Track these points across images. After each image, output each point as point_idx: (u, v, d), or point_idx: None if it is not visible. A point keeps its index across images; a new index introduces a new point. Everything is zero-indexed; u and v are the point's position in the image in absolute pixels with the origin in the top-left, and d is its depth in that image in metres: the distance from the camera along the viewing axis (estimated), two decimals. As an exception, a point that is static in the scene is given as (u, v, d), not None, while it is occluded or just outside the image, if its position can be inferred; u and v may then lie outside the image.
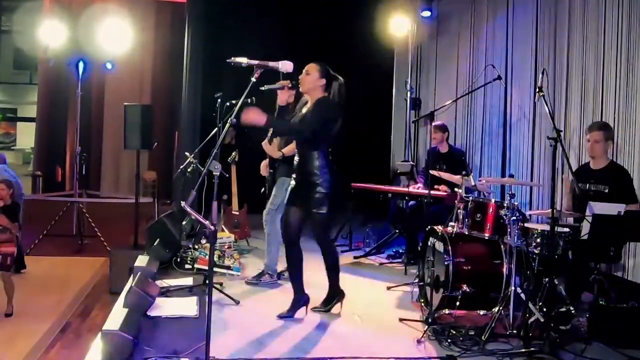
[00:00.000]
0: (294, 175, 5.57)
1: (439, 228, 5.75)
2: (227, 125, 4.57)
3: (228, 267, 7.12)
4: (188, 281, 6.41)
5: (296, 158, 5.53)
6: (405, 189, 8.57)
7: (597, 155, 5.67)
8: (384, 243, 8.73)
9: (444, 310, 5.37)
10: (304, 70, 5.33)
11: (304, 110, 5.56)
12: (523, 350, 4.64)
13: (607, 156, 5.67)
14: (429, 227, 5.95)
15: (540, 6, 7.93)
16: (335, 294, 5.70)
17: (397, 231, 8.68)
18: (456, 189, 6.15)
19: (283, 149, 6.80)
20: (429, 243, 5.87)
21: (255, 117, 4.92)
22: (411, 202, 8.04)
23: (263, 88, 4.92)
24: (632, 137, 6.21)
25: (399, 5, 11.46)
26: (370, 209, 8.76)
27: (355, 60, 11.15)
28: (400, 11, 11.18)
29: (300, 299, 5.56)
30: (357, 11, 11.82)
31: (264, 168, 7.33)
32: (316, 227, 5.54)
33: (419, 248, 6.40)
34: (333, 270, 5.72)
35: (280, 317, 5.46)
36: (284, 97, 5.38)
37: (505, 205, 5.43)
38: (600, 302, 5.11)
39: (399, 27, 11.13)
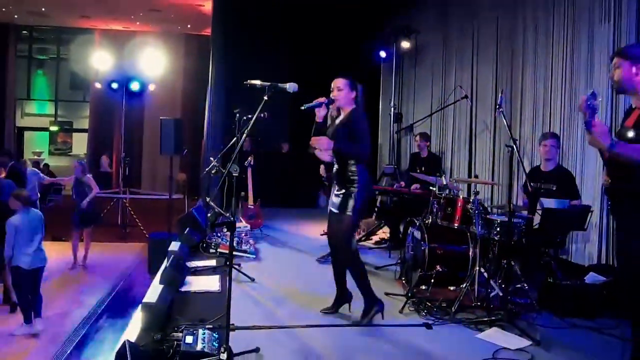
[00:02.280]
0: (334, 182, 4.80)
1: (416, 219, 5.76)
2: (244, 135, 4.56)
3: (245, 251, 7.12)
4: (212, 263, 6.40)
5: (335, 166, 4.75)
6: (390, 188, 8.57)
7: (552, 157, 5.66)
8: (372, 231, 8.72)
9: (421, 286, 5.38)
10: (334, 87, 4.67)
11: (337, 121, 4.81)
12: (486, 319, 4.64)
13: (557, 159, 5.67)
14: (408, 218, 5.94)
15: (499, 38, 7.94)
16: (372, 304, 4.66)
17: (382, 221, 8.67)
18: (431, 188, 6.15)
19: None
20: (409, 231, 5.86)
21: (323, 143, 4.48)
22: (394, 198, 8.02)
23: (303, 107, 4.58)
24: (574, 145, 6.23)
25: (385, 37, 11.49)
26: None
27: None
28: (386, 42, 11.21)
29: (375, 303, 4.68)
30: (351, 43, 11.83)
31: (322, 170, 7.26)
32: (337, 229, 4.65)
33: (401, 235, 6.39)
34: (340, 275, 4.80)
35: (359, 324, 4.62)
36: (321, 114, 4.70)
37: (471, 200, 5.46)
38: (549, 280, 5.12)
39: (384, 55, 11.14)
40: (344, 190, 4.57)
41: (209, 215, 7.60)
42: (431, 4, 10.48)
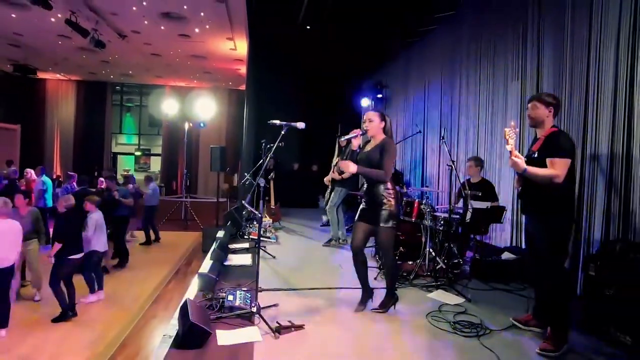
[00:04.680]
0: (364, 198, 4.03)
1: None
2: (268, 158, 4.61)
3: (268, 237, 7.15)
4: (246, 245, 6.45)
5: (365, 185, 4.04)
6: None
7: (472, 174, 5.70)
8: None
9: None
10: (366, 119, 4.01)
11: (368, 147, 4.05)
12: (433, 284, 4.67)
13: (480, 174, 5.70)
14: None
15: (442, 89, 8.00)
16: (391, 298, 4.03)
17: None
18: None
19: (342, 175, 6.73)
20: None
21: (349, 167, 3.83)
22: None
23: (342, 138, 4.11)
24: (494, 164, 6.26)
25: (365, 90, 11.56)
26: (349, 204, 8.75)
27: (339, 120, 11.19)
28: (365, 93, 11.28)
29: (368, 292, 4.10)
30: (343, 92, 11.91)
31: (327, 181, 7.26)
32: (382, 239, 3.84)
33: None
34: (389, 278, 4.03)
35: (357, 311, 3.99)
36: (356, 143, 4.11)
37: (423, 202, 5.49)
38: (477, 257, 5.15)
39: (364, 102, 11.20)
40: (376, 206, 3.83)
41: (244, 212, 7.66)
42: (396, 67, 10.54)
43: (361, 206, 4.03)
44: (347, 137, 4.10)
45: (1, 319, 4.96)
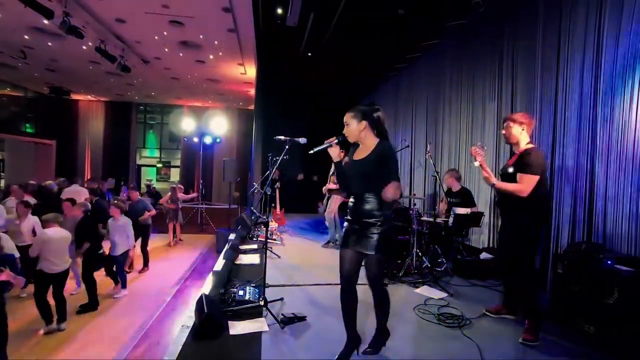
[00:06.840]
0: (347, 217, 2.95)
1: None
2: (274, 169, 4.64)
3: (274, 239, 7.15)
4: (254, 246, 6.45)
5: (351, 201, 2.95)
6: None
7: (450, 184, 5.72)
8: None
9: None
10: (344, 122, 3.03)
11: (358, 156, 2.94)
12: (420, 280, 4.68)
13: (459, 183, 5.72)
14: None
15: (428, 109, 8.05)
16: (382, 335, 3.04)
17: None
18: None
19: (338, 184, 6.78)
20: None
21: (394, 191, 2.62)
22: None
23: (312, 151, 3.07)
24: (473, 174, 6.28)
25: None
26: (345, 210, 8.77)
27: (334, 135, 11.20)
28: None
29: (354, 341, 2.96)
30: (339, 111, 11.96)
31: (325, 190, 7.27)
32: (373, 269, 2.80)
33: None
34: (380, 311, 2.96)
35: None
36: (335, 153, 2.99)
37: (411, 208, 5.50)
38: (458, 257, 5.15)
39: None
40: (366, 228, 2.77)
41: (252, 217, 7.67)
42: (387, 89, 10.61)
43: (347, 226, 2.93)
44: (318, 148, 3.03)
45: (60, 315, 5.02)
